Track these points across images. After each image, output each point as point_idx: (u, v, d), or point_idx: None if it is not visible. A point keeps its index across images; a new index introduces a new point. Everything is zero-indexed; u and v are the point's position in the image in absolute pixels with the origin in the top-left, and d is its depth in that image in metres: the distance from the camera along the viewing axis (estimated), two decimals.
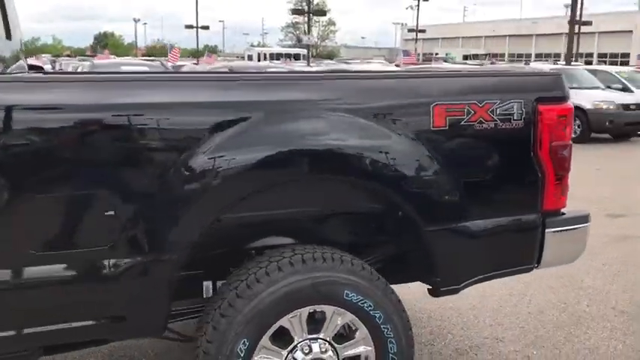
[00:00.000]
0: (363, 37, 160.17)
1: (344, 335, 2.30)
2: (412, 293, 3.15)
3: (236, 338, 2.11)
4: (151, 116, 1.93)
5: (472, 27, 74.70)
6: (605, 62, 49.29)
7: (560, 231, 2.53)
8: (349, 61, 42.60)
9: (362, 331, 2.28)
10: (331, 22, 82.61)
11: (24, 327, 1.90)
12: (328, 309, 2.23)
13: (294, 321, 2.20)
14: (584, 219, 2.61)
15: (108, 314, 2.01)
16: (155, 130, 1.93)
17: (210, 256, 2.38)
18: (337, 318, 2.25)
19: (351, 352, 2.30)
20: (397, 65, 37.04)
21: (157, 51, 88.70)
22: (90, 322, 1.98)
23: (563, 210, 2.57)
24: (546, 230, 2.50)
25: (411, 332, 2.36)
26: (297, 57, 46.62)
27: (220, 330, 2.10)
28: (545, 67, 16.29)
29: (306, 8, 58.98)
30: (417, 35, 51.85)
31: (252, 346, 2.14)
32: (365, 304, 2.23)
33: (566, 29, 51.49)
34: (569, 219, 2.56)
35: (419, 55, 57.07)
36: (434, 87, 2.31)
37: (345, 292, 2.20)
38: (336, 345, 2.27)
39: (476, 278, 2.46)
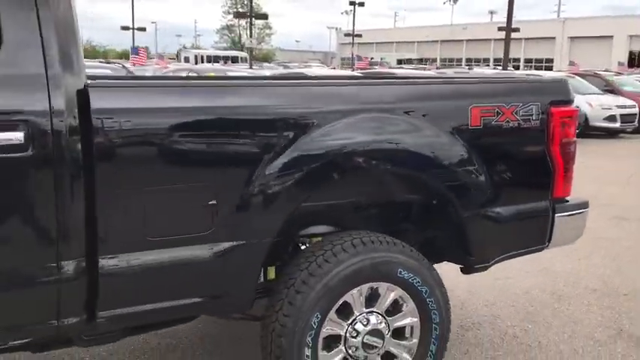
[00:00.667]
0: (297, 41, 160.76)
1: (390, 310, 2.62)
2: None
3: (310, 312, 2.39)
4: (252, 117, 2.20)
5: (405, 32, 76.66)
6: (531, 67, 51.79)
7: (567, 215, 2.95)
8: (287, 64, 42.87)
9: (409, 305, 2.61)
10: (267, 26, 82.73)
11: (143, 304, 2.13)
12: (383, 285, 2.54)
13: (355, 296, 2.50)
14: (585, 205, 3.04)
15: (208, 292, 2.25)
16: (256, 129, 2.20)
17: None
18: (390, 293, 2.57)
19: (399, 323, 2.62)
20: (333, 68, 37.57)
21: (87, 53, 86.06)
22: (193, 300, 2.22)
23: (567, 198, 2.99)
24: (556, 215, 2.91)
25: (449, 304, 2.71)
26: (234, 60, 46.47)
27: (297, 305, 2.38)
28: (488, 71, 17.15)
29: (241, 11, 58.93)
30: (353, 40, 52.76)
31: (322, 318, 2.43)
32: (414, 281, 2.57)
33: (493, 35, 53.64)
34: (573, 205, 2.98)
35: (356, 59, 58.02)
36: (471, 91, 2.68)
37: (399, 270, 2.53)
38: (387, 318, 2.59)
39: (501, 257, 2.85)
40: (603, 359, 3.34)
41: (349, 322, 2.52)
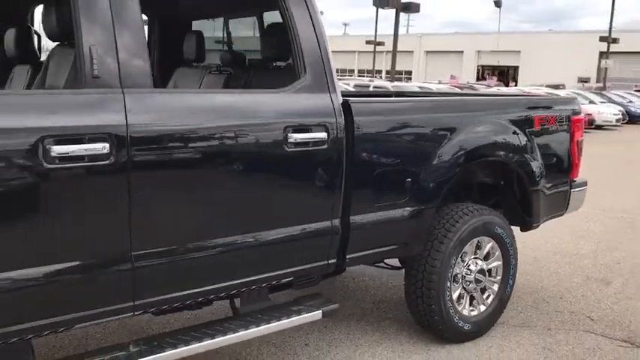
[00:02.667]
0: None
1: (485, 256, 3.76)
2: None
3: (450, 256, 3.48)
4: (435, 122, 3.27)
5: None
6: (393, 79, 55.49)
7: (577, 191, 4.30)
8: None
9: (497, 252, 3.79)
10: None
11: (369, 249, 3.11)
12: (485, 239, 3.70)
13: (470, 246, 3.63)
14: (585, 184, 4.40)
15: (401, 241, 3.27)
16: (435, 133, 3.27)
17: None
18: (487, 244, 3.73)
19: (491, 265, 3.79)
20: None
21: None
22: (392, 247, 3.23)
23: (575, 179, 4.34)
24: (571, 190, 4.25)
25: (517, 252, 3.92)
26: None
27: (442, 251, 3.45)
28: (387, 84, 18.94)
29: None
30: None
31: (455, 261, 3.53)
32: (504, 235, 3.75)
33: (358, 48, 56.56)
34: (579, 183, 4.33)
35: None
36: (533, 103, 3.93)
37: (496, 227, 3.70)
38: (485, 261, 3.75)
39: (544, 219, 4.11)
40: (589, 291, 4.75)
41: (465, 264, 3.64)
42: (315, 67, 2.83)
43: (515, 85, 38.23)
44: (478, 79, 54.61)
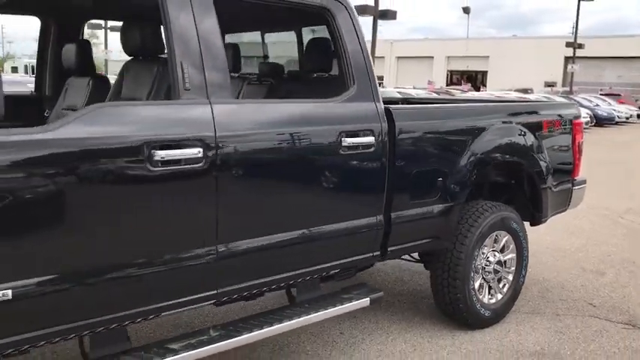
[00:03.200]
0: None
1: (501, 248, 4.11)
2: None
3: (474, 249, 3.82)
4: (460, 128, 3.61)
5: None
6: None
7: (578, 189, 4.68)
8: None
9: (512, 245, 4.14)
10: (94, 35, 79.13)
11: (405, 243, 3.42)
12: (502, 233, 4.05)
13: (489, 240, 3.98)
14: (584, 182, 4.80)
15: (433, 235, 3.59)
16: (460, 138, 3.59)
17: None
18: (504, 238, 4.08)
19: (506, 257, 4.14)
20: None
21: None
22: (425, 240, 3.55)
23: (575, 178, 4.73)
24: (573, 188, 4.64)
25: (528, 245, 4.28)
26: None
27: (466, 245, 3.79)
28: None
29: None
30: None
31: (477, 253, 3.87)
32: (518, 229, 4.11)
33: None
34: (579, 181, 4.72)
35: None
36: (542, 109, 4.30)
37: (512, 222, 4.05)
38: (501, 254, 4.10)
39: (551, 215, 4.48)
40: (587, 281, 5.15)
41: (484, 256, 3.99)
42: (362, 79, 3.14)
43: (485, 90, 39.05)
44: (447, 84, 55.53)
